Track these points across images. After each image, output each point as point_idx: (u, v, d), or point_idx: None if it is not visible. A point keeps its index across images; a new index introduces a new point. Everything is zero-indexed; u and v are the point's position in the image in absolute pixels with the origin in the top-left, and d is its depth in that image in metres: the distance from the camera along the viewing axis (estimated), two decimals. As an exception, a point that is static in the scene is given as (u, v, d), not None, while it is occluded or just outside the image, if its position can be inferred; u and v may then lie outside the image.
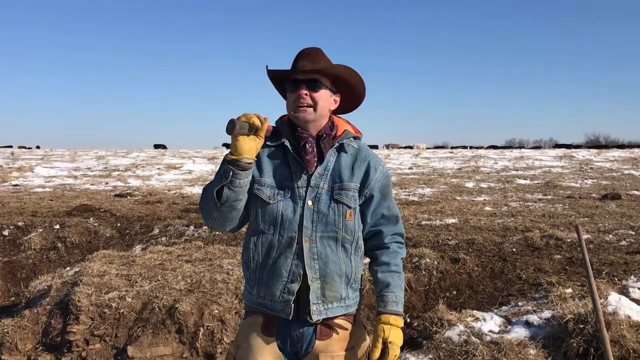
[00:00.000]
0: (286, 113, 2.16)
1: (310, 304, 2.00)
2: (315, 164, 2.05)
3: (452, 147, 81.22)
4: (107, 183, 17.12)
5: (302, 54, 2.07)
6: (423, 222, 8.13)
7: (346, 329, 2.11)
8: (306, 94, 2.02)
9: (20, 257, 7.85)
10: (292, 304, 2.00)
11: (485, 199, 11.59)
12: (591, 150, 50.51)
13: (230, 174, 1.88)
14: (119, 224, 9.05)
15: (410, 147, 76.10)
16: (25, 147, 69.89)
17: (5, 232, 8.40)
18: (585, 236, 6.76)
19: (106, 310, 4.81)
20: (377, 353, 1.99)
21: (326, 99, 2.08)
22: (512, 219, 8.59)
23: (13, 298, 6.96)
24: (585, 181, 16.52)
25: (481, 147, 74.82)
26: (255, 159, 1.94)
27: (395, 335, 2.02)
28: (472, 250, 6.45)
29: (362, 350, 2.18)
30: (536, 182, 16.43)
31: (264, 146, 2.05)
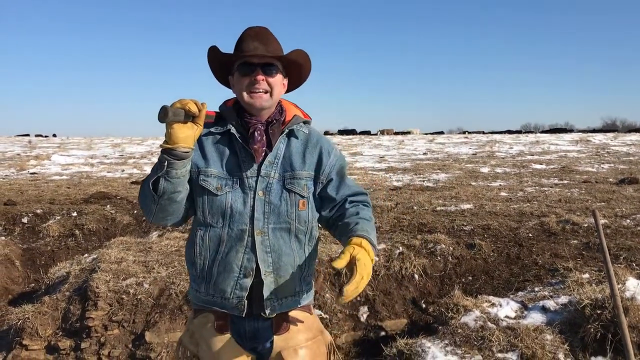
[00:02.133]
0: (230, 98, 2.06)
1: (264, 299, 1.92)
2: (263, 153, 1.93)
3: (466, 132, 79.55)
4: (123, 170, 17.23)
5: (251, 35, 1.94)
6: (438, 208, 8.09)
7: (302, 321, 2.02)
8: (262, 79, 1.90)
9: (39, 244, 7.95)
10: (245, 300, 1.91)
11: (500, 184, 11.51)
12: (608, 134, 49.81)
13: (166, 164, 1.75)
14: (135, 211, 9.12)
15: (405, 133, 73.21)
16: (42, 136, 70.55)
17: (25, 220, 8.50)
18: (602, 221, 6.70)
19: (124, 296, 4.86)
20: (341, 262, 1.71)
21: (280, 84, 1.98)
22: (528, 204, 8.53)
23: (33, 284, 7.06)
24: (602, 165, 16.33)
25: (479, 133, 72.59)
26: (193, 148, 1.80)
27: (363, 255, 1.74)
28: (487, 236, 6.42)
29: (325, 341, 2.10)
30: (552, 166, 16.28)
31: (209, 134, 1.95)
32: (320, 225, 2.12)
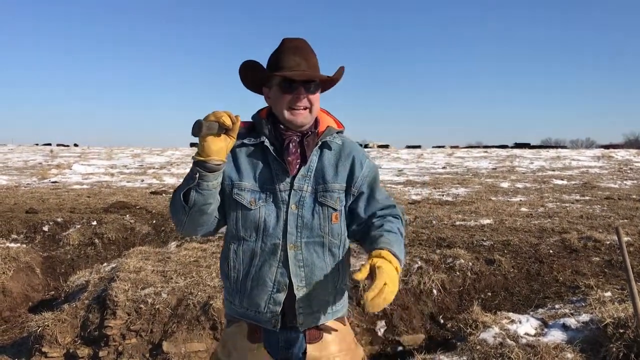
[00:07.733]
0: (263, 107, 2.02)
1: (297, 313, 1.90)
2: (298, 165, 1.90)
3: (444, 146, 76.44)
4: (142, 180, 17.39)
5: (291, 48, 1.89)
6: (457, 223, 8.03)
7: (336, 330, 2.00)
8: (304, 97, 1.86)
9: (59, 253, 8.04)
10: (279, 315, 1.89)
11: (521, 200, 11.40)
12: (631, 150, 49.18)
13: (197, 176, 1.73)
14: (154, 221, 9.18)
15: (383, 146, 68.82)
16: (63, 145, 71.56)
17: (45, 228, 8.60)
18: (625, 238, 6.59)
19: (142, 305, 4.89)
20: (360, 274, 1.66)
21: (319, 99, 1.95)
22: (549, 220, 8.43)
23: (53, 292, 7.13)
24: (625, 182, 16.10)
25: (484, 147, 69.84)
26: (225, 160, 1.78)
27: (383, 263, 1.70)
28: (507, 252, 6.35)
29: (357, 356, 2.06)
30: (573, 182, 16.09)
31: (242, 145, 1.92)
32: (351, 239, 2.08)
